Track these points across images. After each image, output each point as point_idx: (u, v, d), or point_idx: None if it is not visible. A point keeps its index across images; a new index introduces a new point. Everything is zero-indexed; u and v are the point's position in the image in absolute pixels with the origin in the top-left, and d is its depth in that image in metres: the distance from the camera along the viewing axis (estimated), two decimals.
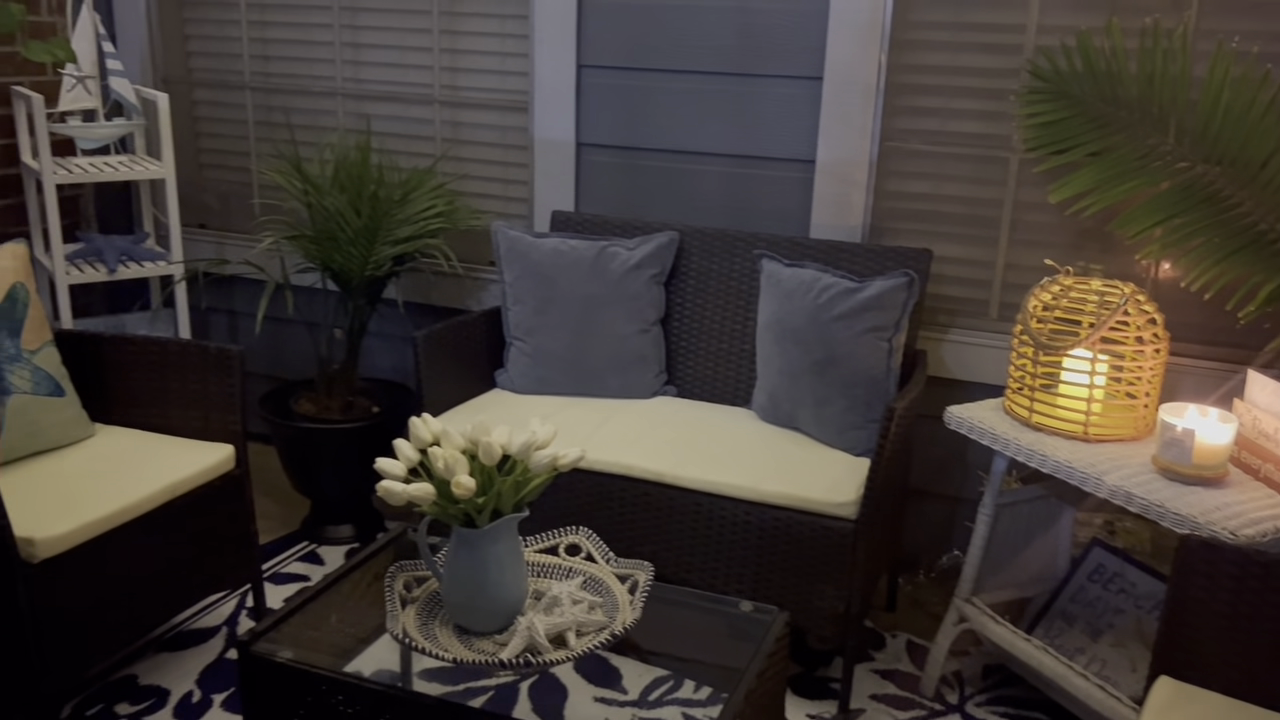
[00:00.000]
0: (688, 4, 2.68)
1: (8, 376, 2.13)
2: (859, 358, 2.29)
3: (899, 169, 2.63)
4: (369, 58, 3.10)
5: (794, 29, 2.60)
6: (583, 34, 2.79)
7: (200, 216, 3.40)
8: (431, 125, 3.08)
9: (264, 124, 3.27)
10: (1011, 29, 2.47)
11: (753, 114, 2.70)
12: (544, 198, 2.93)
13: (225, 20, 3.22)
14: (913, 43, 2.55)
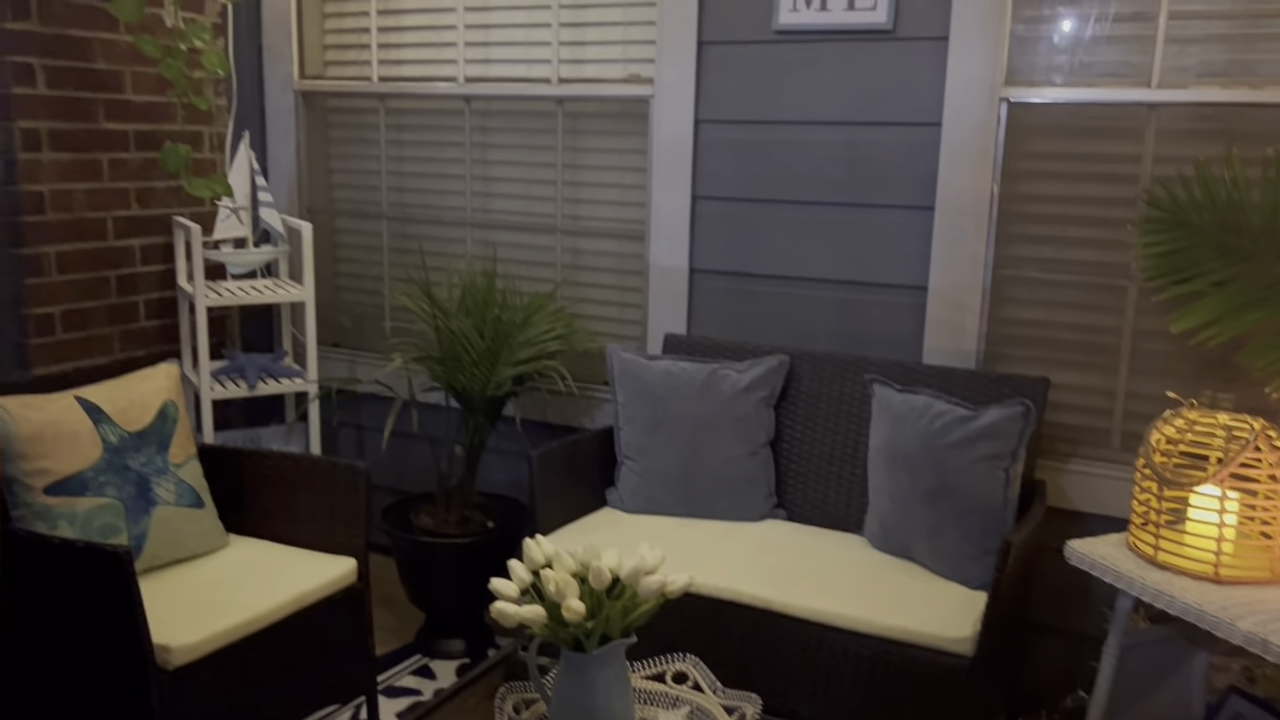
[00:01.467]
0: (798, 139, 2.77)
1: (155, 489, 2.28)
2: (974, 486, 2.26)
3: (1013, 295, 2.63)
4: (497, 190, 3.28)
5: (904, 160, 2.66)
6: (698, 167, 2.90)
7: (335, 336, 3.61)
8: (553, 252, 3.22)
9: (398, 250, 3.47)
10: (1126, 159, 2.47)
11: (864, 241, 2.74)
12: (658, 321, 3.02)
13: (367, 155, 3.47)
14: (1025, 173, 2.57)
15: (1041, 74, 2.52)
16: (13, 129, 2.81)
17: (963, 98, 2.55)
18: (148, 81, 3.13)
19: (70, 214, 2.97)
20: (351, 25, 3.42)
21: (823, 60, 2.71)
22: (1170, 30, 2.38)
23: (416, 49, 3.32)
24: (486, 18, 3.19)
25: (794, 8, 2.72)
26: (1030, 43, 2.52)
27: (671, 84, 2.88)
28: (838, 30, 2.68)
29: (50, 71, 2.88)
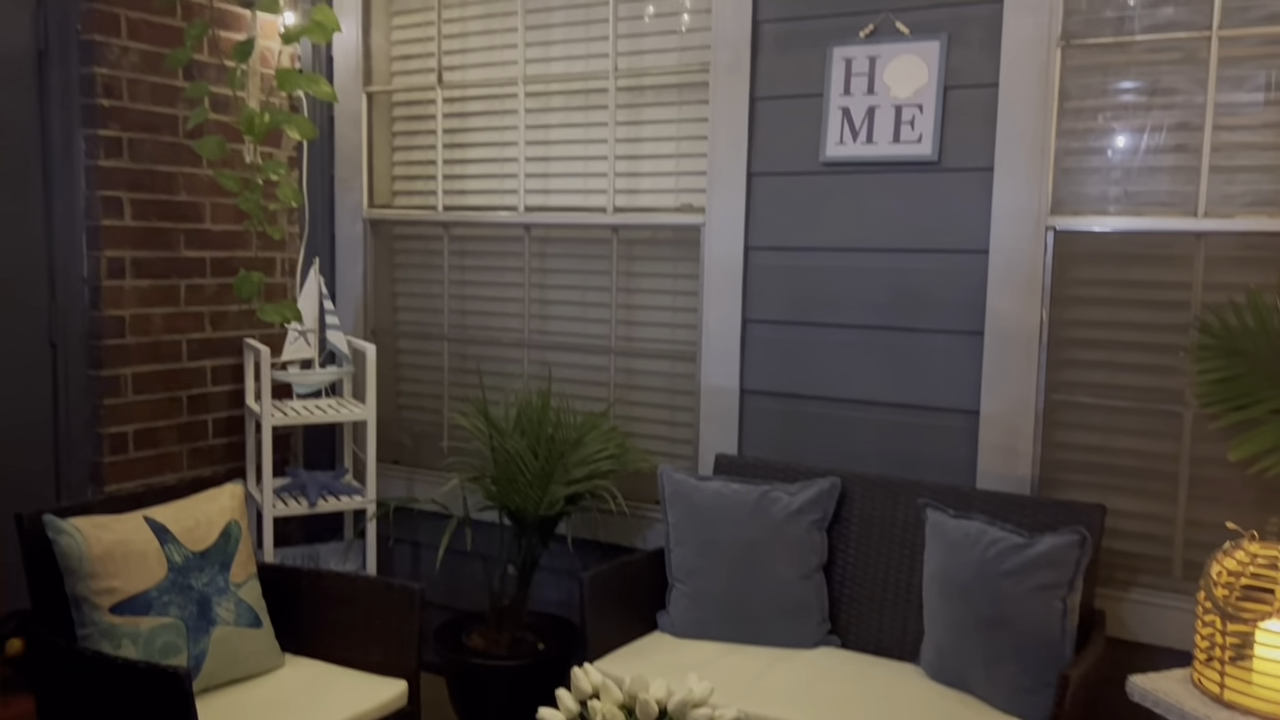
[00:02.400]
0: (846, 265, 2.83)
1: (215, 608, 2.33)
2: (1031, 617, 2.22)
3: (1067, 420, 2.62)
4: (553, 312, 3.38)
5: (952, 286, 2.70)
6: (748, 291, 2.97)
7: (394, 453, 3.69)
8: (606, 372, 3.29)
9: (457, 370, 3.57)
10: (1176, 286, 2.48)
11: (914, 364, 2.76)
12: (709, 441, 3.05)
13: (430, 280, 3.60)
14: (1074, 299, 2.59)
15: (1087, 203, 2.56)
16: (100, 257, 2.99)
17: (1009, 227, 2.59)
18: (226, 211, 3.31)
19: (148, 337, 3.12)
20: (419, 158, 3.60)
21: (869, 190, 2.79)
22: (1214, 160, 2.42)
23: (479, 180, 3.47)
24: (546, 150, 3.34)
25: (840, 141, 2.81)
26: (1075, 173, 2.57)
27: (722, 213, 2.97)
28: (884, 162, 2.76)
29: (137, 204, 3.07)
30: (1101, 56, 2.53)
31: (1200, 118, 2.43)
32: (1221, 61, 2.40)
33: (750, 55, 2.90)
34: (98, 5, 2.92)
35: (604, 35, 3.18)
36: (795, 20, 2.84)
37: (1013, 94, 2.57)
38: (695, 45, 3.06)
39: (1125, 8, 2.50)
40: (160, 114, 3.10)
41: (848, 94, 2.80)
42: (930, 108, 2.70)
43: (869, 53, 2.76)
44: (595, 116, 3.25)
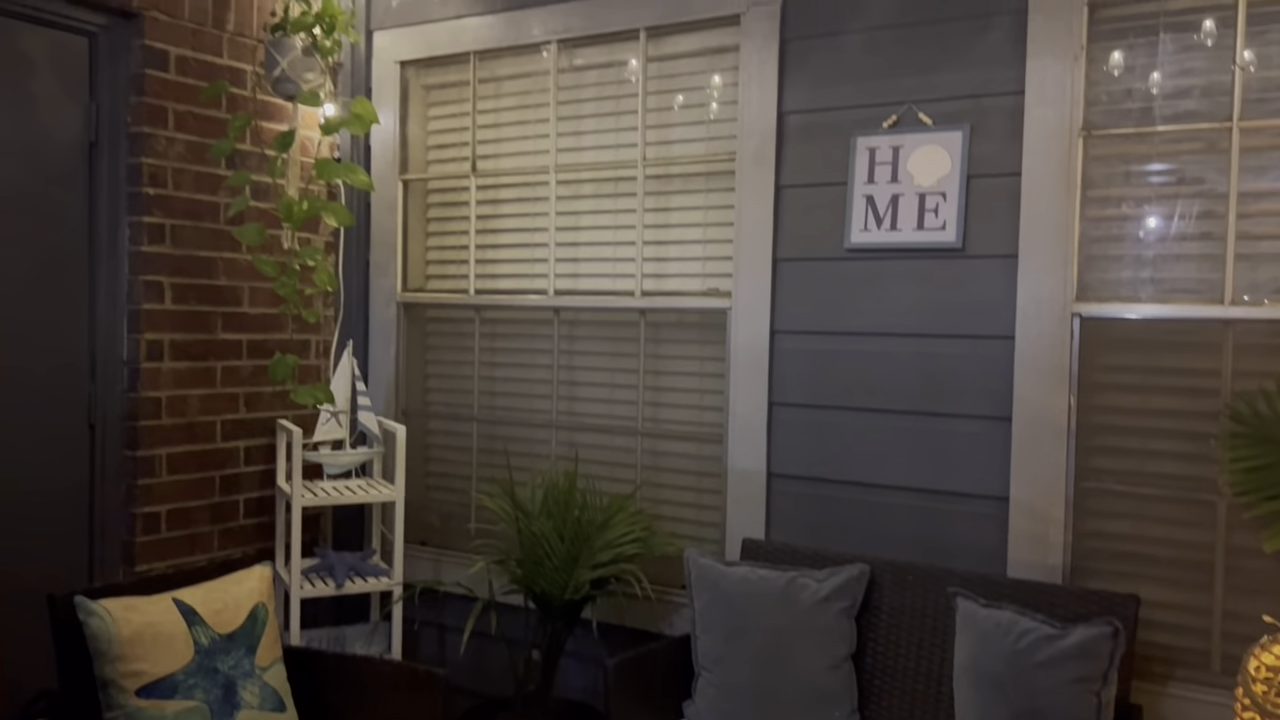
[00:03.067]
0: (872, 349, 2.84)
1: (240, 692, 2.33)
2: (1065, 711, 2.17)
3: (1098, 508, 2.59)
4: (581, 394, 3.41)
5: (979, 372, 2.70)
6: (774, 375, 2.98)
7: (422, 534, 3.70)
8: (633, 454, 3.30)
9: (486, 451, 3.59)
10: (1205, 373, 2.47)
11: (942, 450, 2.75)
12: (735, 525, 3.03)
13: (461, 361, 3.65)
14: (1103, 385, 2.58)
15: (1113, 290, 2.57)
16: (140, 340, 3.06)
17: (1034, 313, 2.60)
18: (264, 295, 3.39)
19: (184, 418, 3.18)
20: (452, 243, 3.68)
21: (894, 276, 2.81)
22: (1239, 248, 2.43)
23: (510, 264, 3.54)
24: (576, 236, 3.40)
25: (865, 227, 2.85)
26: (1100, 260, 2.59)
27: (748, 297, 3.01)
28: (908, 248, 2.79)
29: (178, 288, 3.16)
30: (1123, 146, 2.56)
31: (1224, 206, 2.44)
32: (1243, 151, 2.42)
33: (775, 145, 2.96)
34: (147, 99, 3.05)
35: (633, 126, 3.26)
36: (819, 112, 2.91)
37: (1036, 183, 2.60)
38: (722, 135, 3.13)
39: (1146, 99, 2.53)
40: (203, 201, 3.21)
41: (871, 182, 2.84)
42: (954, 196, 2.73)
43: (892, 142, 2.81)
44: (624, 203, 3.31)
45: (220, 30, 3.23)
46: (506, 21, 3.40)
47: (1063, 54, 2.56)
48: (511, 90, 3.51)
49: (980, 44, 2.68)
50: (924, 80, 2.76)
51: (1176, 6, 2.50)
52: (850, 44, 2.86)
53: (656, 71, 3.23)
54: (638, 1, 3.16)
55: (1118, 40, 2.56)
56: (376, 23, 3.66)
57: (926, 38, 2.75)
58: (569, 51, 3.37)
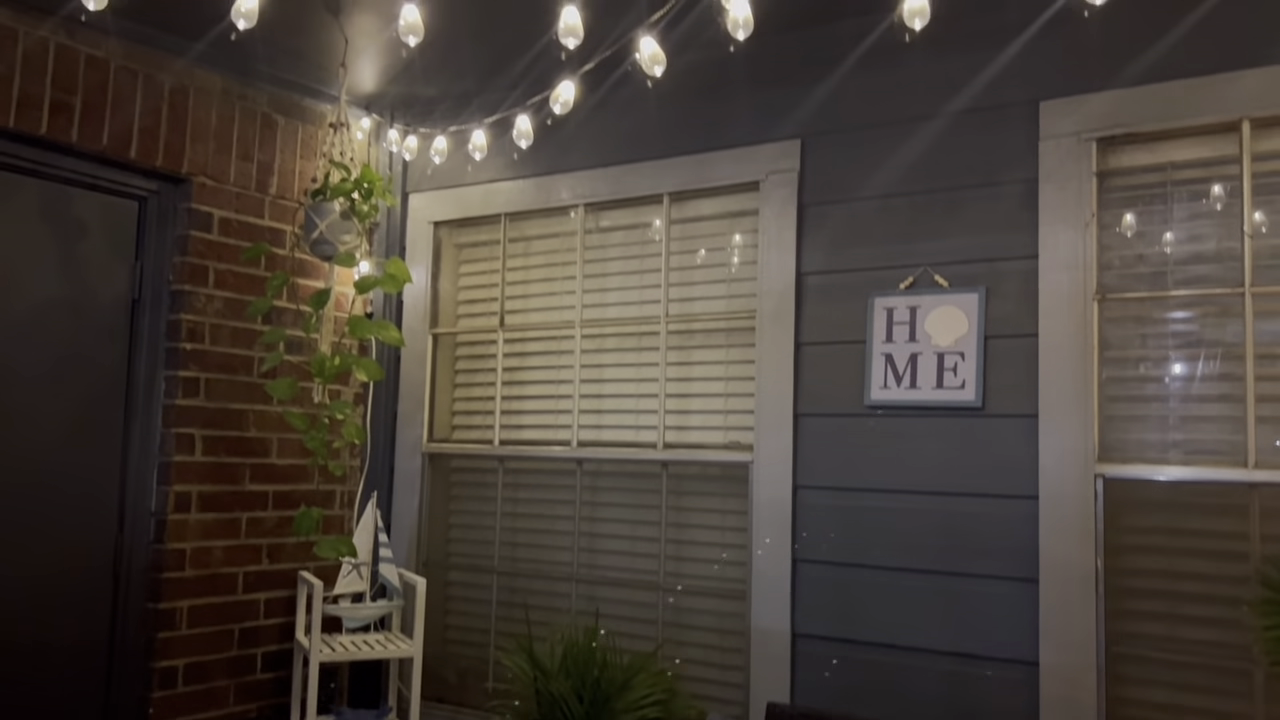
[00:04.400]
0: (895, 507, 2.84)
1: None
2: None
3: (1130, 674, 2.52)
4: (603, 546, 3.39)
5: (1003, 531, 2.67)
6: (797, 531, 2.97)
7: (439, 690, 3.63)
8: (655, 609, 3.26)
9: (505, 604, 3.56)
10: (1233, 536, 2.44)
11: (969, 612, 2.71)
12: (760, 686, 2.96)
13: (484, 512, 3.66)
14: (1130, 547, 2.55)
15: (1135, 451, 2.57)
16: (169, 492, 3.11)
17: (1057, 473, 2.60)
18: (292, 446, 3.44)
19: (207, 570, 3.19)
20: (479, 394, 3.74)
21: (915, 434, 2.83)
22: (1260, 411, 2.43)
23: (535, 415, 3.59)
24: (600, 388, 3.46)
25: (884, 385, 2.88)
26: (1121, 421, 2.60)
27: (770, 452, 3.02)
28: (928, 406, 2.81)
29: (208, 440, 3.22)
30: (1138, 309, 2.60)
31: (1242, 368, 2.46)
32: (1257, 315, 2.45)
33: (795, 304, 3.03)
34: (190, 258, 3.18)
35: (656, 283, 3.35)
36: (836, 273, 2.99)
37: (1053, 344, 2.64)
38: (742, 293, 3.21)
39: (1158, 264, 2.59)
40: (238, 355, 3.30)
41: (890, 341, 2.89)
42: (972, 355, 2.77)
43: (909, 303, 2.87)
44: (647, 357, 3.38)
45: (263, 194, 3.39)
46: (537, 186, 3.55)
47: (1074, 220, 2.64)
48: (540, 249, 3.64)
49: (993, 210, 2.77)
50: (938, 244, 2.84)
51: (1183, 176, 2.58)
52: (865, 209, 2.95)
53: (679, 233, 3.34)
54: (661, 169, 3.30)
55: (1127, 207, 2.64)
56: (412, 186, 3.83)
57: (939, 204, 2.84)
58: (595, 213, 3.50)
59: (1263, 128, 2.47)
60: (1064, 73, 2.68)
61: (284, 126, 3.46)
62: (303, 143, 3.52)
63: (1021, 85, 2.74)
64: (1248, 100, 2.46)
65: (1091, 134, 2.63)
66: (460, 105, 3.67)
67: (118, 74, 3.01)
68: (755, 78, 3.12)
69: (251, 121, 3.37)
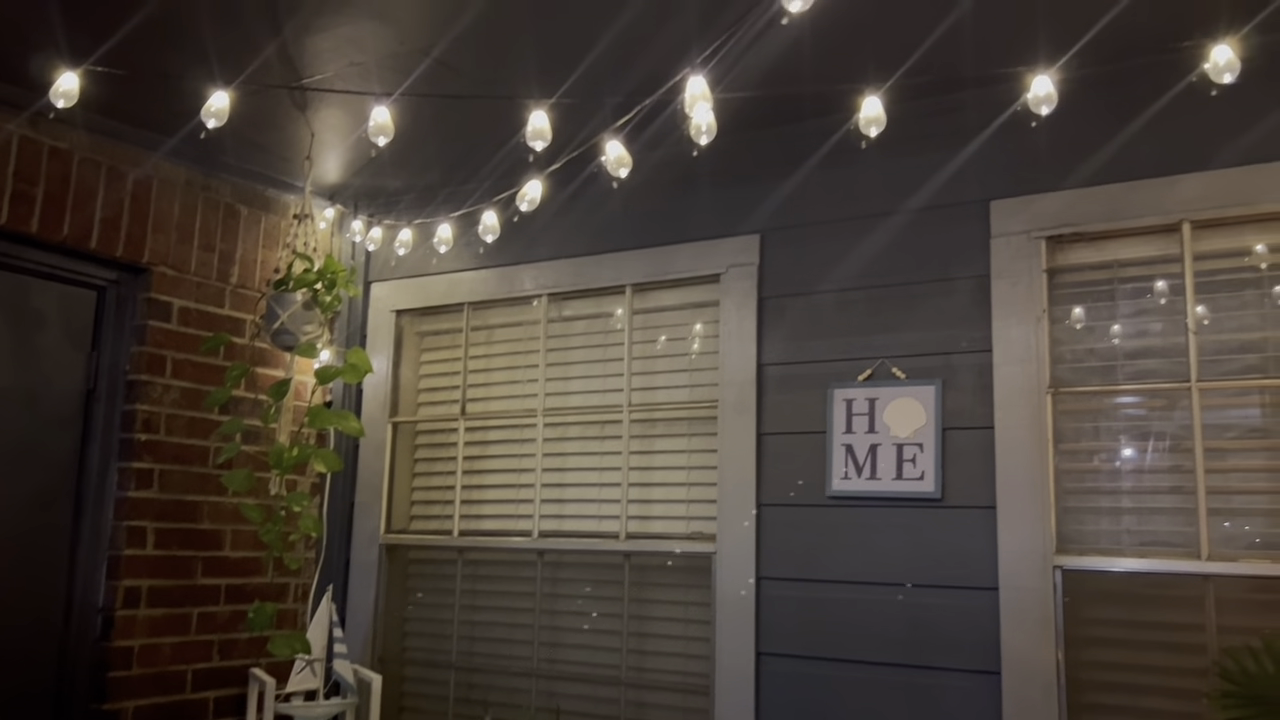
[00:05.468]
0: (857, 598, 2.83)
1: None
2: None
3: None
4: (563, 639, 3.35)
5: (965, 624, 2.68)
6: (761, 623, 2.95)
7: None
8: (616, 705, 3.21)
9: (463, 700, 3.48)
10: (1190, 628, 2.47)
11: (933, 706, 2.69)
12: None
13: (441, 605, 3.60)
14: (1090, 639, 2.57)
15: (1092, 542, 2.61)
16: (117, 588, 3.02)
17: (1016, 565, 2.62)
18: (246, 539, 3.38)
19: (154, 668, 3.09)
20: (438, 484, 3.71)
21: (877, 525, 2.84)
22: (1211, 503, 2.48)
23: (495, 505, 3.56)
24: (561, 478, 3.45)
25: (845, 475, 2.91)
26: (1077, 512, 2.64)
27: (733, 543, 3.02)
28: (888, 497, 2.84)
29: (161, 533, 3.15)
30: (1091, 403, 2.66)
31: (1191, 461, 2.52)
32: (1205, 409, 2.52)
33: (756, 394, 3.06)
34: (148, 349, 3.15)
35: (619, 372, 3.38)
36: (796, 364, 3.03)
37: (1008, 436, 2.69)
38: (704, 383, 3.24)
39: (1108, 358, 2.66)
40: (194, 446, 3.25)
41: (850, 432, 2.92)
42: (930, 447, 2.81)
43: (868, 395, 2.91)
44: (610, 446, 3.38)
45: (224, 283, 3.38)
46: (501, 276, 3.58)
47: (1026, 315, 2.71)
48: (502, 337, 3.65)
49: (947, 305, 2.84)
50: (896, 337, 2.90)
51: (1129, 273, 2.67)
52: (824, 302, 3.01)
53: (642, 323, 3.38)
54: (625, 260, 3.35)
55: (1077, 302, 2.72)
56: (375, 275, 3.84)
57: (896, 298, 2.91)
58: (559, 303, 3.53)
59: (1202, 229, 2.58)
60: (1014, 174, 2.78)
61: (247, 217, 3.48)
62: (266, 233, 3.53)
63: (974, 185, 2.84)
64: (1188, 203, 2.57)
65: (1041, 232, 2.72)
66: (426, 198, 3.71)
67: (81, 166, 3.02)
68: (717, 174, 3.20)
69: (215, 212, 3.38)
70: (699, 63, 1.97)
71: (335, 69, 2.73)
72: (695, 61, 1.98)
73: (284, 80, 2.79)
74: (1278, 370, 2.48)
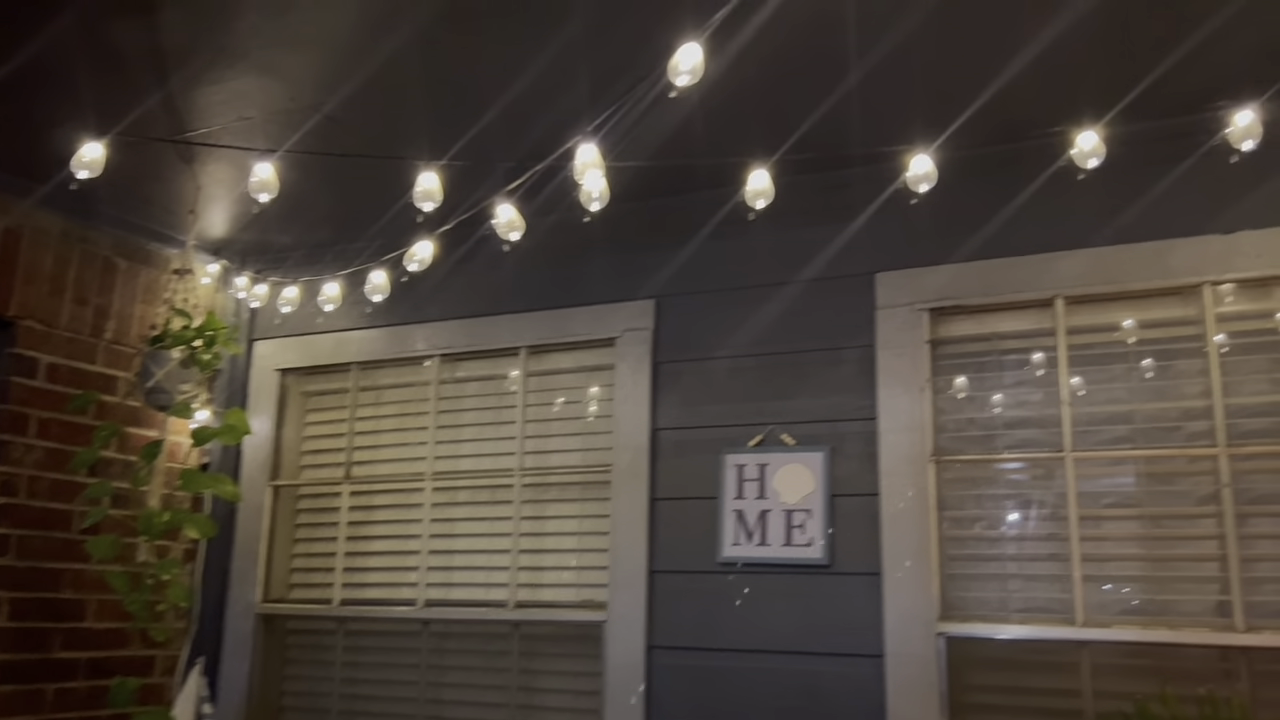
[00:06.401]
0: (750, 667, 2.81)
1: None
2: None
3: None
4: (449, 713, 3.23)
5: (855, 691, 2.68)
6: (652, 694, 2.90)
7: None
8: None
9: None
10: (1068, 694, 2.52)
11: None
12: None
13: (320, 677, 3.45)
14: (974, 706, 2.60)
15: (974, 609, 2.65)
16: None
17: (901, 631, 2.64)
18: (110, 608, 3.19)
19: None
20: (320, 550, 3.57)
21: (766, 592, 2.84)
22: (1086, 570, 2.55)
23: (380, 573, 3.45)
24: (449, 544, 3.36)
25: (736, 542, 2.90)
26: (960, 579, 2.68)
27: (624, 611, 2.98)
28: (778, 564, 2.84)
29: (16, 603, 2.95)
30: (973, 471, 2.73)
31: (1067, 529, 2.59)
32: (1079, 478, 2.61)
33: (649, 459, 3.05)
34: (10, 406, 2.98)
35: (512, 435, 3.33)
36: (690, 429, 3.03)
37: (893, 503, 2.73)
38: (598, 447, 3.21)
39: (988, 428, 2.74)
40: (56, 510, 3.07)
41: (741, 498, 2.93)
42: (818, 513, 2.83)
43: (759, 460, 2.93)
44: (500, 511, 3.31)
45: (97, 339, 3.23)
46: (392, 335, 3.51)
47: (910, 385, 2.77)
48: (392, 398, 3.57)
49: (835, 374, 2.89)
50: (786, 404, 2.93)
51: (1008, 345, 2.76)
52: (717, 368, 3.03)
53: (536, 385, 3.34)
54: (520, 322, 3.32)
55: (959, 373, 2.79)
56: (260, 332, 3.72)
57: (786, 365, 2.95)
58: (451, 364, 3.48)
59: (1075, 304, 2.69)
60: (899, 248, 2.87)
61: (126, 270, 3.34)
62: (145, 287, 3.40)
63: (861, 258, 2.91)
64: (1061, 279, 2.67)
65: (924, 305, 2.80)
66: (315, 255, 3.63)
67: None
68: (614, 239, 3.21)
69: (91, 264, 3.24)
70: (590, 131, 1.99)
71: (223, 123, 2.66)
72: (586, 130, 1.99)
73: (169, 132, 2.71)
74: (1146, 441, 2.58)
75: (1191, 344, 2.58)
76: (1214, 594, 2.45)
